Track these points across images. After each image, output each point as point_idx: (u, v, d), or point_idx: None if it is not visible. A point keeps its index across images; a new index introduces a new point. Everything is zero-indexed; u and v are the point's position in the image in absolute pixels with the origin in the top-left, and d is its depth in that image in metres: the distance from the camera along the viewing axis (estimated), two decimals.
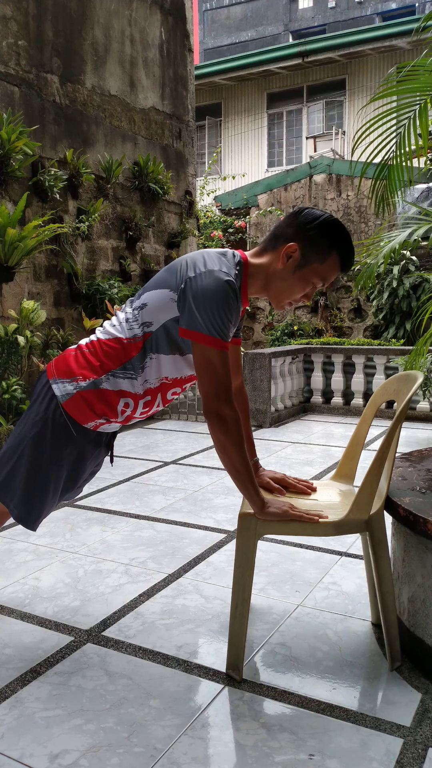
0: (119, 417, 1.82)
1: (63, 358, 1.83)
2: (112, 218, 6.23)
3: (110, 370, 1.76)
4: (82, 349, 1.82)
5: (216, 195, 12.46)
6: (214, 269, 1.65)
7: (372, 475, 1.80)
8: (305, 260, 1.73)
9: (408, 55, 13.67)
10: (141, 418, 1.89)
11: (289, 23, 21.31)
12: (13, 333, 4.71)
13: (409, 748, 1.56)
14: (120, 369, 1.76)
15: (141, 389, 1.78)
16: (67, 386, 1.78)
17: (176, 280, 1.68)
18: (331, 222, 1.73)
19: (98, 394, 1.77)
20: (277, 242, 1.75)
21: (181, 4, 7.28)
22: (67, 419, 1.79)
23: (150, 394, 1.81)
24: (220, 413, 1.64)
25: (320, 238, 1.72)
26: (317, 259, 1.73)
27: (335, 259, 1.74)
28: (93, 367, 1.77)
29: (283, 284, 1.76)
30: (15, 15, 5.09)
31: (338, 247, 1.73)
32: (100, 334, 1.82)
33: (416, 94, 3.28)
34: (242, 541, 1.82)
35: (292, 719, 1.67)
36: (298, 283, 1.76)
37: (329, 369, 6.70)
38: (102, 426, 1.83)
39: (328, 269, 1.75)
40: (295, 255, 1.72)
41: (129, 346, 1.75)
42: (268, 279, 1.77)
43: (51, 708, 1.72)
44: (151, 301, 1.73)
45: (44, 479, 1.82)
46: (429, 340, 3.92)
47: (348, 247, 1.75)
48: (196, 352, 1.66)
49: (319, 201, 11.32)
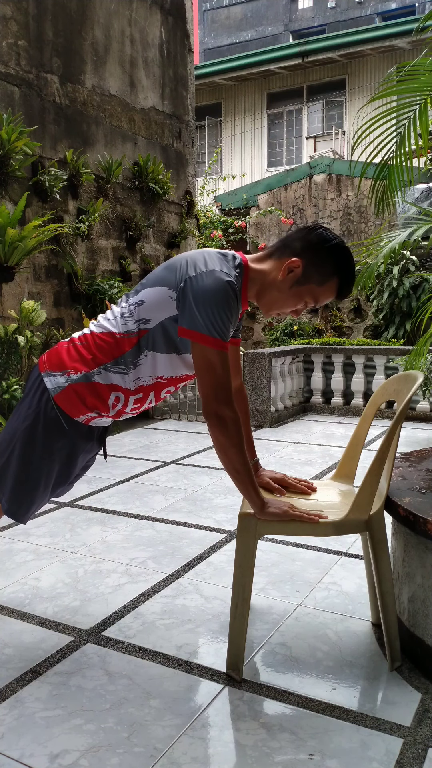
0: (110, 411, 1.81)
1: (55, 351, 1.83)
2: (112, 218, 6.23)
3: (102, 364, 1.75)
4: (74, 342, 1.81)
5: (216, 195, 12.46)
6: (215, 269, 1.64)
7: (372, 475, 1.80)
8: (305, 278, 1.74)
9: (408, 55, 13.67)
10: (132, 414, 1.88)
11: (289, 23, 21.31)
12: (13, 333, 4.71)
13: (409, 748, 1.56)
14: (112, 363, 1.75)
15: (132, 385, 1.78)
16: (59, 379, 1.77)
17: (176, 279, 1.67)
18: (340, 248, 1.75)
19: (90, 387, 1.76)
20: (283, 253, 1.76)
21: (181, 4, 7.28)
22: (59, 413, 1.78)
23: (142, 391, 1.80)
24: (220, 414, 1.64)
25: (326, 261, 1.73)
26: (317, 281, 1.74)
27: (334, 285, 1.76)
28: (85, 360, 1.76)
29: (278, 295, 1.78)
30: (15, 15, 5.09)
31: (340, 274, 1.75)
32: (94, 328, 1.81)
33: (416, 94, 3.28)
34: (242, 541, 1.82)
35: (292, 719, 1.67)
36: (292, 298, 1.77)
37: (329, 369, 6.70)
38: (94, 420, 1.83)
39: (324, 292, 1.77)
40: (296, 270, 1.73)
41: (122, 341, 1.74)
42: (264, 286, 1.78)
43: (51, 708, 1.72)
44: (149, 298, 1.72)
45: (35, 473, 1.82)
46: (429, 340, 3.92)
47: (350, 277, 1.76)
48: (196, 353, 1.65)
49: (319, 201, 11.32)
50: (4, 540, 2.97)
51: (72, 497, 3.62)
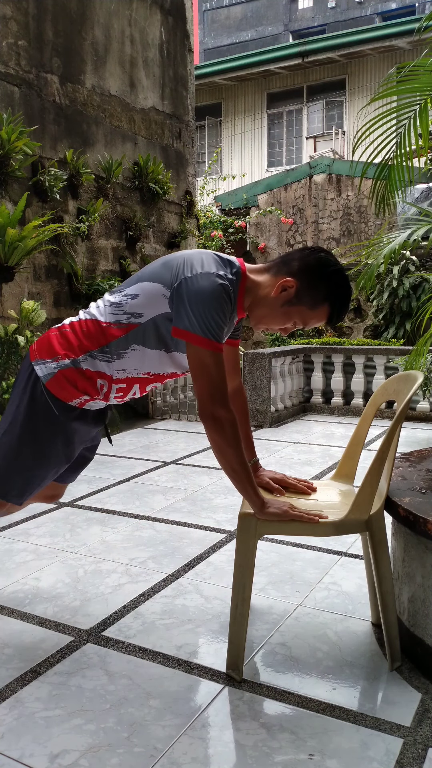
0: (99, 394, 1.83)
1: (45, 339, 1.85)
2: (112, 218, 6.23)
3: (88, 351, 1.77)
4: (63, 330, 1.83)
5: (216, 195, 12.46)
6: (210, 271, 1.65)
7: (372, 475, 1.80)
8: (297, 299, 1.74)
9: (408, 55, 13.67)
10: (117, 402, 1.90)
11: (289, 23, 21.31)
12: (13, 333, 4.71)
13: (409, 748, 1.56)
14: (98, 351, 1.77)
15: (116, 375, 1.80)
16: (50, 365, 1.79)
17: (171, 277, 1.68)
18: (338, 275, 1.74)
19: (79, 372, 1.78)
20: (280, 270, 1.77)
21: (181, 4, 7.28)
22: (51, 399, 1.79)
23: (126, 382, 1.82)
24: (216, 415, 1.64)
25: (320, 285, 1.73)
26: (308, 304, 1.75)
27: (325, 311, 1.76)
28: (72, 347, 1.78)
29: (268, 312, 1.78)
30: (15, 15, 5.10)
31: (333, 301, 1.75)
32: (82, 315, 1.84)
33: (416, 94, 3.28)
34: (242, 541, 1.82)
35: (292, 719, 1.67)
36: (282, 316, 1.78)
37: (329, 369, 6.70)
38: (87, 403, 1.84)
39: (313, 316, 1.77)
40: (290, 290, 1.74)
41: (107, 329, 1.76)
42: (256, 300, 1.78)
43: (51, 708, 1.72)
44: (143, 293, 1.73)
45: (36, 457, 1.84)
46: (429, 340, 3.92)
47: (342, 305, 1.76)
48: (190, 354, 1.66)
49: (319, 201, 11.32)
50: (4, 540, 2.97)
51: (72, 497, 3.62)
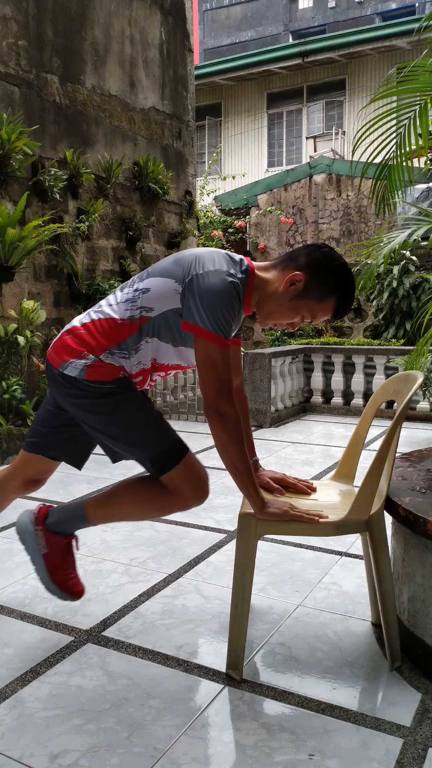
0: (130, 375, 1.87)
1: (61, 343, 1.85)
2: (112, 218, 6.23)
3: (107, 349, 1.80)
4: (77, 332, 1.84)
5: (216, 195, 12.45)
6: (221, 269, 1.70)
7: (372, 475, 1.80)
8: (305, 293, 1.79)
9: (408, 55, 13.67)
10: None
11: (289, 23, 21.32)
12: (13, 333, 4.71)
13: (409, 748, 1.56)
14: (116, 348, 1.81)
15: (134, 369, 1.84)
16: (78, 363, 1.80)
17: (182, 274, 1.73)
18: (344, 269, 1.80)
19: (105, 365, 1.81)
20: (287, 266, 1.81)
21: (181, 4, 7.28)
22: (98, 384, 1.79)
23: (142, 374, 1.87)
24: (221, 410, 1.67)
25: (328, 279, 1.78)
26: (316, 297, 1.79)
27: (332, 304, 1.81)
28: (91, 347, 1.81)
29: (276, 307, 1.82)
30: (15, 15, 5.09)
31: (340, 294, 1.80)
32: (94, 314, 1.86)
33: (416, 95, 3.28)
34: (242, 541, 1.82)
35: (292, 719, 1.67)
36: (290, 311, 1.82)
37: (329, 369, 6.70)
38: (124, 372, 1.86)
39: (321, 310, 1.81)
40: (298, 284, 1.78)
41: (123, 326, 1.79)
42: (264, 296, 1.82)
43: (51, 708, 1.72)
44: (154, 288, 1.77)
45: (141, 413, 1.85)
46: (429, 340, 3.92)
47: (349, 298, 1.81)
48: (198, 348, 1.69)
49: (319, 201, 11.32)
50: (4, 540, 2.97)
51: (72, 497, 3.62)
